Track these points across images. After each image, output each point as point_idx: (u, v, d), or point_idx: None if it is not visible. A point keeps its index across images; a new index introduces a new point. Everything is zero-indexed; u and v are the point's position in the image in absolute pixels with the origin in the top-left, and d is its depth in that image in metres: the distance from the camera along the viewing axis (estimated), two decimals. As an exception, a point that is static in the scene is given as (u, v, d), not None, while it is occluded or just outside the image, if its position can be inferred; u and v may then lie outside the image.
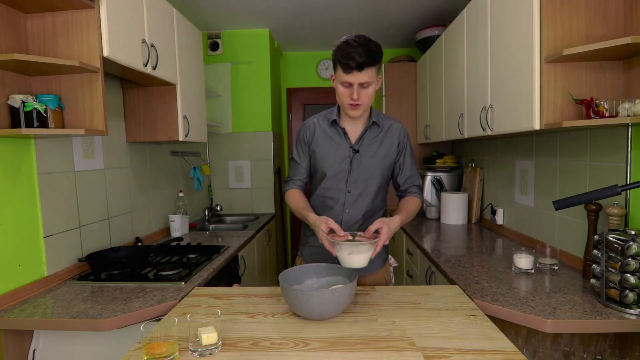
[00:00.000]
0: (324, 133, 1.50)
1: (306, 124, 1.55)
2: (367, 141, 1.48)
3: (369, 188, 1.48)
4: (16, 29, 1.49)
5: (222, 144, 3.54)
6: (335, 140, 1.49)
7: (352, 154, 1.47)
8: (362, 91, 1.35)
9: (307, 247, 1.59)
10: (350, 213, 1.49)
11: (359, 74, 1.31)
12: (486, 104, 1.99)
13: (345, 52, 1.30)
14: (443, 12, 3.09)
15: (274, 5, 2.93)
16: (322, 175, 1.50)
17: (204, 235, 2.57)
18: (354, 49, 1.28)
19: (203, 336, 0.98)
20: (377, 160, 1.48)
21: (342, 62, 1.31)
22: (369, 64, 1.30)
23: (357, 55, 1.28)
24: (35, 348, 1.40)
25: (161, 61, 2.00)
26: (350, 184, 1.47)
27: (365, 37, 1.33)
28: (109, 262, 1.74)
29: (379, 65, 1.36)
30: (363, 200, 1.48)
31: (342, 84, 1.35)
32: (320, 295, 1.11)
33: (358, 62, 1.28)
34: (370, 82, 1.34)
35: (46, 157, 1.62)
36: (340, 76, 1.35)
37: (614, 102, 1.36)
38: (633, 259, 1.18)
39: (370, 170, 1.47)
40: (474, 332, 1.09)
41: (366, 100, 1.37)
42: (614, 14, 1.46)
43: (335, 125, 1.49)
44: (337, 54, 1.33)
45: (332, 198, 1.49)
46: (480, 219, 2.71)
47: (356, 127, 1.49)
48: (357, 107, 1.37)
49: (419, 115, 3.45)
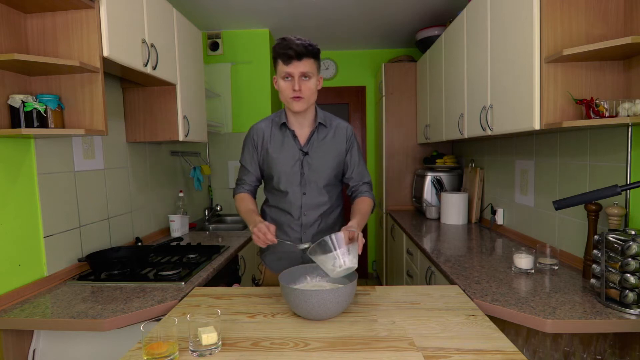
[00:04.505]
0: (273, 137, 1.51)
1: (255, 129, 1.54)
2: (316, 142, 1.50)
3: (323, 188, 1.50)
4: (16, 29, 1.49)
5: (222, 144, 3.54)
6: (285, 143, 1.50)
7: (302, 157, 1.49)
8: (304, 83, 1.38)
9: (270, 254, 1.60)
10: (309, 215, 1.50)
11: (299, 63, 1.34)
12: (486, 104, 1.99)
13: (284, 44, 1.34)
14: (443, 12, 3.09)
15: (274, 5, 2.93)
16: (276, 180, 1.51)
17: (204, 235, 2.57)
18: (292, 42, 1.34)
19: (203, 336, 0.98)
20: (328, 160, 1.50)
21: (281, 53, 1.35)
22: (308, 54, 1.35)
23: (295, 46, 1.33)
24: (35, 348, 1.40)
25: (161, 61, 2.00)
26: (304, 186, 1.49)
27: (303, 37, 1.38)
28: (109, 262, 1.74)
29: (318, 62, 1.42)
30: (319, 200, 1.50)
31: (283, 78, 1.38)
32: (320, 295, 1.11)
33: (297, 51, 1.32)
34: (311, 75, 1.38)
35: (46, 157, 1.62)
36: (280, 70, 1.38)
37: (614, 102, 1.36)
38: (633, 259, 1.18)
39: (322, 170, 1.49)
40: (474, 332, 1.09)
41: (308, 93, 1.39)
42: (614, 14, 1.46)
43: (284, 127, 1.50)
44: (276, 48, 1.37)
45: (289, 202, 1.50)
46: (480, 219, 2.71)
47: (304, 129, 1.51)
48: (299, 99, 1.39)
49: (419, 115, 3.45)
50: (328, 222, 1.54)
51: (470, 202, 2.76)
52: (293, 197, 1.50)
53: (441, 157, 3.32)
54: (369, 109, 4.26)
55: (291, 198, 1.50)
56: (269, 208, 1.60)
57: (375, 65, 4.15)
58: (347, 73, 4.21)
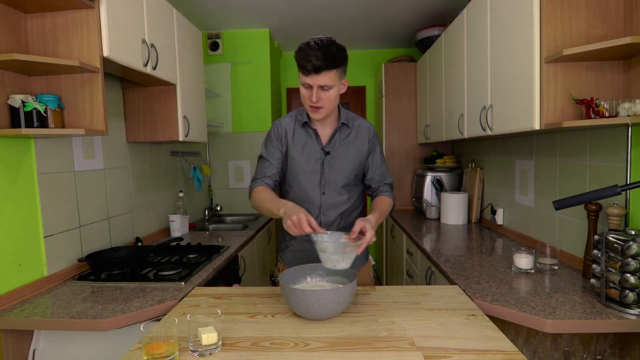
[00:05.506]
0: (295, 134, 1.49)
1: (278, 124, 1.52)
2: (338, 142, 1.48)
3: (343, 188, 1.49)
4: (16, 29, 1.49)
5: (222, 144, 3.54)
6: (307, 142, 1.48)
7: (323, 156, 1.47)
8: (322, 94, 1.34)
9: (289, 252, 1.58)
10: (328, 215, 1.49)
11: (317, 76, 1.30)
12: (486, 104, 1.99)
13: (304, 54, 1.29)
14: (443, 12, 3.09)
15: (274, 5, 2.93)
16: (295, 178, 1.48)
17: (204, 235, 2.57)
18: (312, 52, 1.27)
19: (203, 336, 0.98)
20: (349, 160, 1.48)
21: (301, 64, 1.31)
22: (327, 67, 1.29)
23: (314, 59, 1.27)
24: (35, 348, 1.40)
25: (161, 61, 2.00)
26: (324, 186, 1.47)
27: (327, 39, 1.31)
28: (109, 262, 1.74)
29: (342, 69, 1.35)
30: (339, 200, 1.49)
31: (303, 85, 1.35)
32: (320, 295, 1.11)
33: (315, 65, 1.28)
34: (331, 85, 1.33)
35: (46, 157, 1.62)
36: (300, 77, 1.35)
37: (614, 102, 1.36)
38: (633, 259, 1.18)
39: (343, 170, 1.48)
40: (474, 332, 1.09)
41: (327, 103, 1.36)
42: (614, 14, 1.46)
43: (306, 127, 1.48)
44: (297, 55, 1.32)
45: (308, 201, 1.48)
46: (480, 219, 2.71)
47: (326, 129, 1.49)
48: (317, 109, 1.37)
49: (419, 115, 3.45)
50: (347, 222, 1.52)
51: (470, 202, 2.76)
52: (312, 196, 1.47)
53: (441, 157, 3.32)
54: (369, 109, 4.26)
55: (310, 197, 1.48)
56: None
57: (375, 65, 4.15)
58: (347, 73, 4.19)
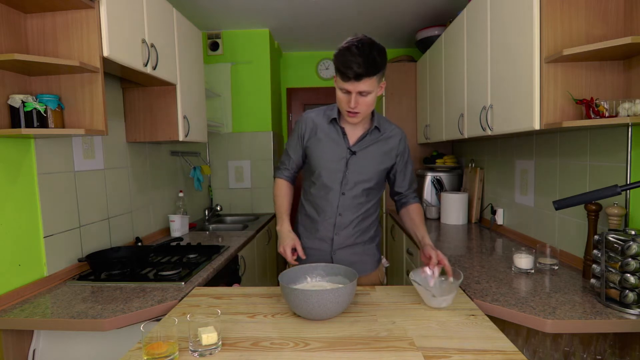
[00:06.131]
0: (322, 130, 1.46)
1: (304, 118, 1.50)
2: (366, 144, 1.45)
3: (364, 191, 1.46)
4: (16, 29, 1.49)
5: (222, 144, 3.54)
6: (333, 138, 1.45)
7: (348, 155, 1.44)
8: (361, 99, 1.30)
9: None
10: (344, 216, 1.46)
11: (357, 83, 1.26)
12: (486, 104, 1.99)
13: (345, 59, 1.24)
14: (443, 12, 3.09)
15: (274, 5, 2.93)
16: (317, 174, 1.46)
17: (204, 235, 2.57)
18: (354, 58, 1.23)
19: (203, 336, 0.98)
20: (375, 163, 1.45)
21: (341, 70, 1.26)
22: (368, 74, 1.25)
23: (355, 66, 1.23)
24: (35, 348, 1.40)
25: (161, 61, 2.00)
26: (345, 186, 1.44)
27: (368, 42, 1.26)
28: (109, 262, 1.74)
29: (381, 73, 1.30)
30: (357, 203, 1.46)
31: (341, 89, 1.32)
32: (320, 295, 1.11)
33: (356, 73, 1.23)
34: (370, 91, 1.30)
35: (46, 157, 1.62)
36: (338, 82, 1.31)
37: (614, 102, 1.36)
38: (633, 259, 1.18)
39: (367, 173, 1.45)
40: (474, 332, 1.09)
41: (365, 108, 1.33)
42: (614, 14, 1.46)
43: (334, 123, 1.45)
44: (336, 60, 1.28)
45: (326, 199, 1.46)
46: (480, 219, 2.71)
47: (356, 129, 1.46)
48: (355, 114, 1.34)
49: (419, 115, 3.45)
50: (362, 227, 1.50)
51: (470, 202, 2.76)
52: (331, 196, 1.45)
53: (441, 157, 3.32)
54: (369, 109, 4.25)
55: (329, 196, 1.45)
56: (306, 202, 1.53)
57: (375, 65, 4.14)
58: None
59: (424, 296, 1.24)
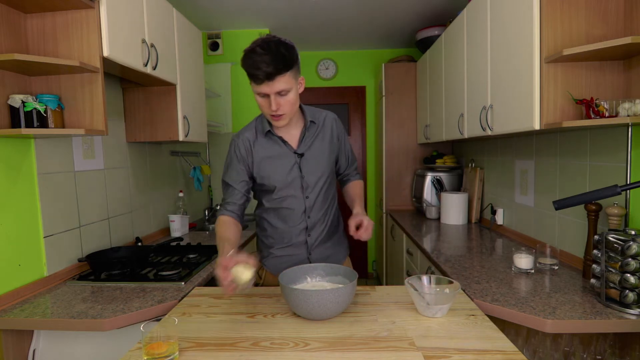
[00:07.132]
0: (262, 146, 1.40)
1: (238, 140, 1.41)
2: (309, 141, 1.43)
3: (324, 185, 1.46)
4: (16, 29, 1.49)
5: (222, 144, 3.54)
6: (276, 150, 1.41)
7: (298, 160, 1.41)
8: (282, 99, 1.25)
9: (272, 259, 1.51)
10: (313, 217, 1.46)
11: (272, 83, 1.21)
12: (486, 104, 1.99)
13: (252, 61, 1.19)
14: (443, 12, 3.09)
15: (274, 5, 2.93)
16: (276, 190, 1.42)
17: (204, 235, 2.57)
18: (260, 58, 1.18)
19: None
20: (324, 156, 1.45)
21: (251, 73, 1.21)
22: (280, 71, 1.19)
23: (264, 65, 1.17)
24: (35, 348, 1.40)
25: (161, 61, 2.00)
26: (306, 190, 1.43)
27: (274, 40, 1.21)
28: (109, 262, 1.74)
29: (295, 68, 1.25)
30: (321, 199, 1.46)
31: (259, 94, 1.26)
32: (320, 295, 1.11)
33: (266, 72, 1.18)
34: (289, 89, 1.24)
35: (46, 157, 1.62)
36: (254, 87, 1.25)
37: (614, 102, 1.36)
38: (633, 259, 1.18)
39: (320, 169, 1.44)
40: (474, 332, 1.09)
41: (288, 108, 1.28)
42: (614, 14, 1.46)
43: (270, 135, 1.40)
44: (244, 64, 1.22)
45: (290, 208, 1.43)
46: (480, 219, 2.71)
47: (293, 131, 1.42)
48: (279, 117, 1.30)
49: (419, 115, 3.45)
50: (331, 218, 1.51)
51: (470, 202, 2.76)
52: (296, 203, 1.43)
53: (441, 157, 3.32)
54: (369, 109, 4.26)
55: (294, 204, 1.43)
56: (268, 215, 1.48)
57: (375, 65, 4.15)
58: (347, 73, 4.20)
59: (419, 304, 1.22)
